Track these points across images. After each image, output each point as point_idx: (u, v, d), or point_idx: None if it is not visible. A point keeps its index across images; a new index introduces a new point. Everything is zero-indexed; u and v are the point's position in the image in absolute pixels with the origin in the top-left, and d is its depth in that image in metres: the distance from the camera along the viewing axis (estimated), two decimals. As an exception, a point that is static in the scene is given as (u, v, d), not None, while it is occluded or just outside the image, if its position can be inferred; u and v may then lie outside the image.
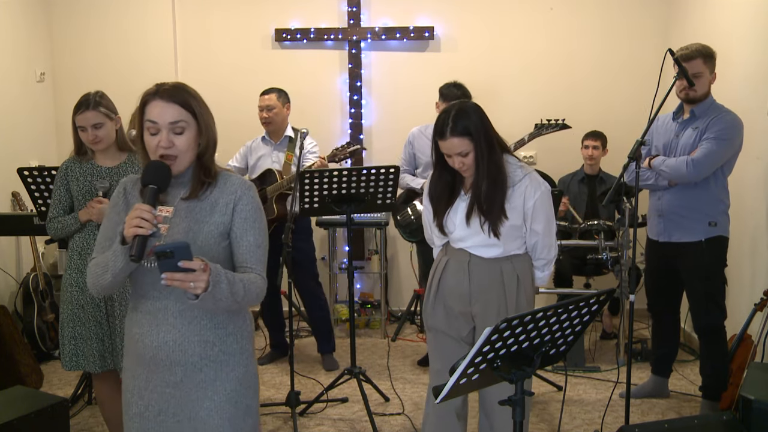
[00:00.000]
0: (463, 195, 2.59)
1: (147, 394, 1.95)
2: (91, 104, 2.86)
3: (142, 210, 1.75)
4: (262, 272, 1.96)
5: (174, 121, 1.88)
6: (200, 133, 1.93)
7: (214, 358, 1.93)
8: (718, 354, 3.57)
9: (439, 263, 2.69)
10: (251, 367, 2.02)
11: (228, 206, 1.94)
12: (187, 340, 1.91)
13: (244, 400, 1.98)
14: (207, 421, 1.93)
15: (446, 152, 2.49)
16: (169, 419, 1.94)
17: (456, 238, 2.60)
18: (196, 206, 1.94)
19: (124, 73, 5.38)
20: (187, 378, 1.93)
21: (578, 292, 4.60)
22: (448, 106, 2.53)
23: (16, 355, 4.11)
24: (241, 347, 1.99)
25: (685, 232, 3.52)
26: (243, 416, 1.97)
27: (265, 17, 5.46)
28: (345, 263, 4.62)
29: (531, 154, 5.43)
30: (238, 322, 1.99)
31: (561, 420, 3.31)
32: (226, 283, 1.78)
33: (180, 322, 1.91)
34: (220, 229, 1.93)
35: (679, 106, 3.60)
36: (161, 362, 1.92)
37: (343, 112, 5.54)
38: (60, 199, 2.99)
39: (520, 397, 1.80)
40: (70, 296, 2.95)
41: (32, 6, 5.27)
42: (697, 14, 4.87)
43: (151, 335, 1.92)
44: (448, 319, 2.65)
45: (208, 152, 1.97)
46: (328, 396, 3.88)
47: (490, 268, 2.58)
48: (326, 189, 3.59)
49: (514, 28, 5.43)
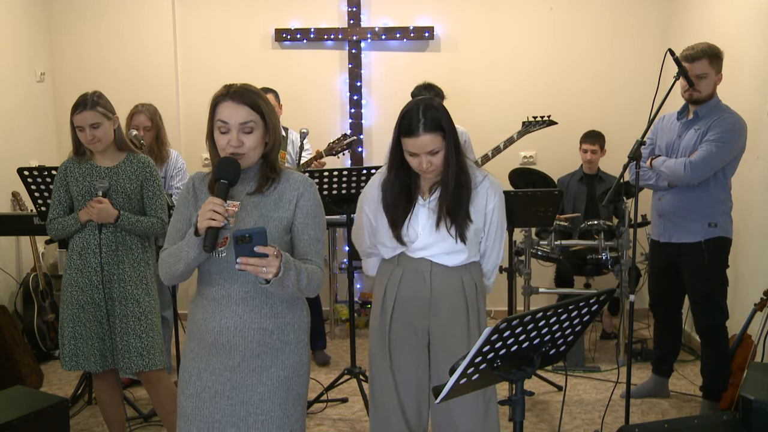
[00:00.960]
0: (421, 200, 2.41)
1: (206, 376, 2.05)
2: (88, 104, 2.86)
3: (215, 204, 1.89)
4: (321, 264, 2.08)
5: (244, 122, 2.00)
6: (267, 133, 2.06)
7: (271, 346, 2.05)
8: (719, 354, 3.57)
9: (392, 277, 2.46)
10: (304, 357, 2.13)
11: (291, 202, 2.07)
12: (247, 327, 2.03)
13: (295, 388, 2.10)
14: (259, 405, 2.04)
15: (414, 151, 2.29)
16: (224, 401, 2.04)
17: (418, 246, 2.40)
18: (261, 201, 2.06)
19: (124, 73, 5.39)
20: (245, 363, 2.03)
21: (578, 292, 4.60)
22: (411, 103, 2.34)
23: (16, 355, 4.11)
24: (297, 337, 2.10)
25: (685, 232, 3.52)
26: (293, 403, 2.09)
27: (265, 17, 5.46)
28: (345, 263, 4.62)
29: (531, 154, 5.43)
30: (296, 313, 2.10)
31: (561, 420, 3.30)
32: (294, 270, 1.91)
33: (242, 310, 2.03)
34: (284, 223, 2.06)
35: (684, 106, 3.57)
36: (222, 347, 2.04)
37: (343, 112, 5.54)
38: (60, 199, 2.99)
39: (520, 397, 1.80)
40: (70, 296, 2.95)
41: (32, 6, 5.27)
42: (698, 14, 4.87)
43: (213, 320, 2.04)
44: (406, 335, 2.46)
45: (274, 150, 2.09)
46: (328, 396, 3.88)
47: (451, 277, 2.42)
48: (326, 189, 3.59)
49: (514, 29, 5.43)
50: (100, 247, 2.91)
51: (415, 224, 2.40)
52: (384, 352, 2.48)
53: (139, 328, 2.94)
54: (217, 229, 1.89)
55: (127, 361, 2.94)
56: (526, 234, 4.36)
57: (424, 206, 2.40)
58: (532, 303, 4.35)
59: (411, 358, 2.47)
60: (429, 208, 2.39)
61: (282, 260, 1.85)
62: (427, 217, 2.39)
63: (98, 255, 2.92)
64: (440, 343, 2.44)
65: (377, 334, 2.50)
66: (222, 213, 1.88)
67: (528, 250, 4.39)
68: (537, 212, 3.84)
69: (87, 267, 2.93)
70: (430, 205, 2.40)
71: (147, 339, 2.95)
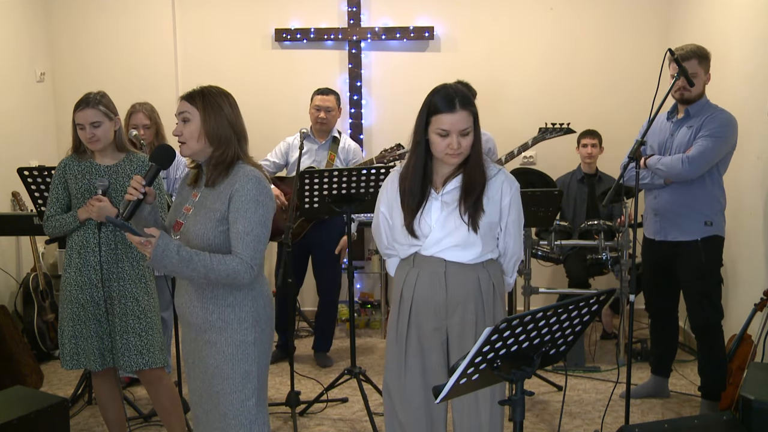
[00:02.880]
0: (434, 193, 2.37)
1: (186, 345, 2.37)
2: (91, 102, 2.87)
3: (135, 181, 2.20)
4: (245, 257, 2.18)
5: (180, 112, 2.28)
6: (204, 125, 2.23)
7: (213, 324, 2.25)
8: (716, 353, 3.58)
9: (407, 278, 2.43)
10: (249, 337, 2.26)
11: (227, 195, 2.20)
12: (192, 305, 2.28)
13: (241, 365, 2.24)
14: (213, 377, 2.25)
15: (448, 128, 2.25)
16: (197, 368, 2.31)
17: (431, 241, 2.37)
18: (209, 194, 2.26)
19: (124, 73, 5.39)
20: (199, 336, 2.29)
21: (578, 292, 4.60)
22: (439, 85, 2.35)
23: (16, 355, 4.11)
24: (238, 317, 2.25)
25: (681, 231, 3.53)
26: (241, 379, 2.25)
27: (265, 17, 5.46)
28: (345, 263, 4.62)
29: (531, 154, 5.43)
30: (238, 297, 2.25)
31: (561, 420, 3.31)
32: (177, 258, 2.12)
33: (191, 289, 2.28)
34: (217, 216, 2.21)
35: (674, 106, 3.62)
36: (184, 320, 2.34)
37: (343, 112, 5.53)
38: (57, 197, 2.98)
39: (520, 397, 1.80)
40: (70, 295, 2.95)
41: (32, 6, 5.27)
42: (697, 14, 4.87)
43: (178, 297, 2.36)
44: (420, 339, 2.43)
45: (222, 146, 2.24)
46: (328, 396, 3.88)
47: (468, 276, 2.38)
48: (326, 189, 3.59)
49: (514, 28, 5.43)
50: (99, 245, 2.91)
51: (427, 217, 2.37)
52: (400, 355, 2.46)
53: (139, 327, 2.94)
54: (136, 202, 2.19)
55: (127, 359, 2.94)
56: (526, 234, 4.37)
57: (437, 199, 2.38)
58: (532, 303, 4.35)
59: (427, 361, 2.44)
60: (442, 201, 2.37)
61: (156, 248, 2.08)
62: (440, 209, 2.36)
63: (97, 253, 2.92)
64: (457, 344, 2.41)
65: (393, 336, 2.49)
66: (138, 189, 2.18)
67: (528, 250, 4.40)
68: (537, 212, 3.84)
69: (86, 265, 2.93)
70: (443, 197, 2.37)
71: (146, 337, 2.95)
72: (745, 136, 3.60)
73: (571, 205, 4.99)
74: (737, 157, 3.60)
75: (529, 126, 4.47)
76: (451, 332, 2.42)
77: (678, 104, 3.59)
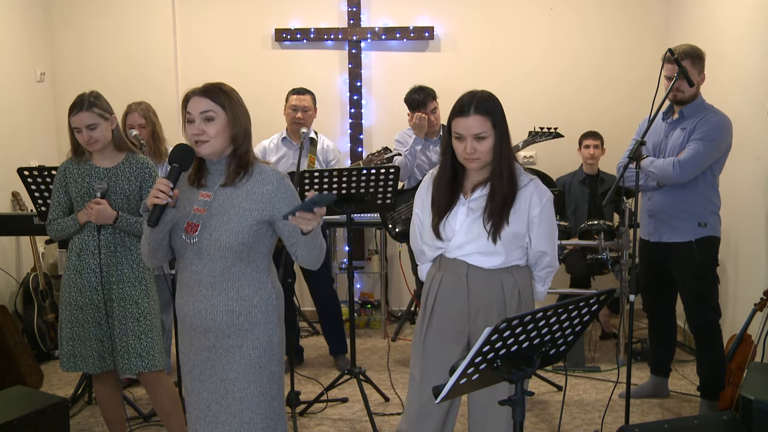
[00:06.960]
0: (462, 198, 2.39)
1: (192, 356, 2.23)
2: (84, 105, 2.84)
3: (162, 184, 2.05)
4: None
5: (204, 111, 2.13)
6: (230, 124, 2.16)
7: (240, 327, 2.17)
8: (714, 353, 3.58)
9: (432, 282, 2.45)
10: (275, 337, 2.23)
11: (264, 196, 2.16)
12: (215, 310, 2.16)
13: (268, 366, 2.20)
14: (235, 383, 2.17)
15: (461, 132, 2.28)
16: (207, 380, 2.20)
17: (455, 245, 2.38)
18: (233, 193, 2.17)
19: (124, 73, 5.39)
20: (219, 343, 2.18)
21: (578, 292, 4.60)
22: (472, 91, 2.37)
23: (16, 355, 4.11)
24: (265, 318, 2.19)
25: (675, 232, 3.53)
26: (267, 381, 2.20)
27: (265, 17, 5.46)
28: (345, 263, 4.62)
29: (531, 155, 5.44)
30: (263, 296, 2.20)
31: (561, 420, 3.30)
32: (320, 235, 2.14)
33: (211, 294, 2.16)
34: (254, 215, 2.15)
35: (669, 107, 3.60)
36: (197, 328, 2.19)
37: (343, 112, 5.54)
38: (59, 200, 2.99)
39: (520, 397, 1.80)
40: (69, 297, 2.95)
41: (32, 6, 5.27)
42: (697, 14, 4.87)
43: (189, 305, 2.20)
44: (442, 341, 2.42)
45: (243, 144, 2.19)
46: (328, 396, 3.88)
47: (490, 280, 2.37)
48: (326, 189, 3.58)
49: (514, 28, 5.43)
50: (99, 248, 2.91)
51: (453, 221, 2.38)
52: (417, 356, 2.48)
53: (138, 329, 2.93)
54: (162, 206, 2.04)
55: (127, 362, 2.93)
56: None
57: (464, 205, 2.38)
58: (532, 303, 4.35)
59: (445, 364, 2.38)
60: (468, 207, 2.37)
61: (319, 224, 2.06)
62: (465, 215, 2.37)
63: (97, 256, 2.91)
64: None
65: (417, 338, 2.50)
66: (167, 192, 2.03)
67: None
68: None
69: (86, 268, 2.93)
70: (470, 204, 2.37)
71: (146, 340, 2.94)
72: (744, 136, 3.60)
73: (573, 206, 4.99)
74: (736, 158, 3.60)
75: (529, 126, 4.47)
76: (473, 338, 2.40)
77: (673, 105, 3.58)
